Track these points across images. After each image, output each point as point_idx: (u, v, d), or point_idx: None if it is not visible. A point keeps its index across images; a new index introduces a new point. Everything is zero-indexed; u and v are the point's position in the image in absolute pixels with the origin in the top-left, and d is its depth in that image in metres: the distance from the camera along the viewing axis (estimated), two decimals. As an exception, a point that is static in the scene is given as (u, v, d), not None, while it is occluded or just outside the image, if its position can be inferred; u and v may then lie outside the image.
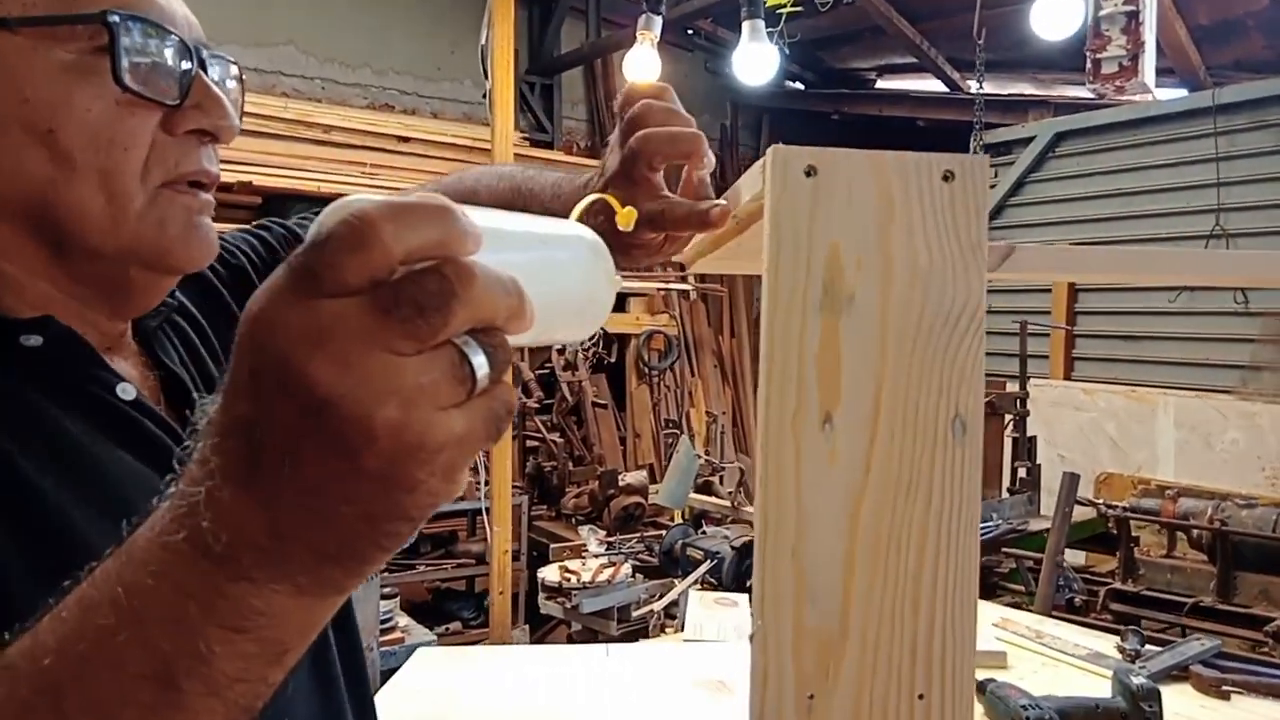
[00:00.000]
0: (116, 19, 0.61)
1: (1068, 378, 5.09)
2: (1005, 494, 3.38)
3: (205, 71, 0.67)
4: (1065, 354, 5.12)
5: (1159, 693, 1.51)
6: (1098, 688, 1.69)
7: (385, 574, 4.87)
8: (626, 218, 0.76)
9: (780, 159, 0.67)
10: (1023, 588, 2.80)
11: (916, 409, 0.68)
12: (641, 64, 4.21)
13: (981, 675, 1.64)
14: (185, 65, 0.66)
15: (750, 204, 0.79)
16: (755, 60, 4.52)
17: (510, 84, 1.91)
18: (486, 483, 2.22)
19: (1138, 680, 1.51)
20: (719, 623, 2.03)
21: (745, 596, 2.24)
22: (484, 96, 2.32)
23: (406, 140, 5.68)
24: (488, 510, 2.02)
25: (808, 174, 0.67)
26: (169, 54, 0.65)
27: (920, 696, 0.69)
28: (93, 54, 0.61)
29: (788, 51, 5.65)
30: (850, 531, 0.67)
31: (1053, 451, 4.55)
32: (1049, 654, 1.93)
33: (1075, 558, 3.41)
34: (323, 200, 5.64)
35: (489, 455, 2.03)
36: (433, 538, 4.99)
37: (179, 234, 0.66)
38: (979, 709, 1.59)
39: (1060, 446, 4.64)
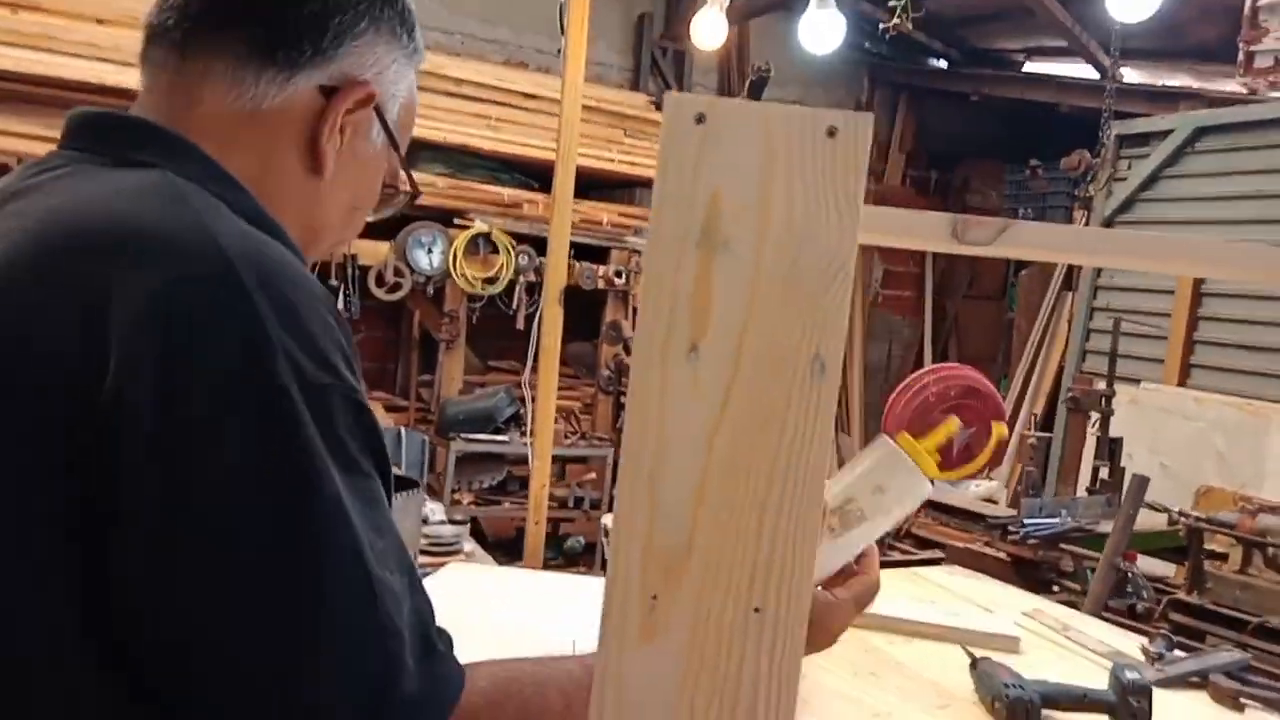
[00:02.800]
0: None
1: (1182, 384, 4.84)
2: (1083, 493, 3.27)
3: None
4: (1182, 359, 4.86)
5: (1150, 690, 1.48)
6: (1102, 682, 1.67)
7: (474, 506, 5.12)
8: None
9: (673, 104, 0.72)
10: (1079, 587, 2.74)
11: (780, 347, 0.72)
12: (709, 30, 4.03)
13: (980, 655, 1.64)
14: None
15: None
16: (820, 27, 4.30)
17: (583, 37, 1.96)
18: (531, 420, 2.32)
19: (1131, 675, 1.49)
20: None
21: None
22: (557, 53, 2.36)
23: (533, 98, 5.81)
24: (531, 445, 2.11)
25: (698, 120, 0.72)
26: None
27: (756, 609, 0.74)
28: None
29: (912, 28, 5.49)
30: (705, 459, 0.72)
31: (1155, 460, 4.36)
32: (1069, 647, 1.91)
33: (1165, 569, 3.27)
34: (447, 150, 5.69)
35: (534, 397, 2.11)
36: (522, 479, 5.16)
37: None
38: (969, 685, 1.60)
39: (1164, 455, 4.43)
